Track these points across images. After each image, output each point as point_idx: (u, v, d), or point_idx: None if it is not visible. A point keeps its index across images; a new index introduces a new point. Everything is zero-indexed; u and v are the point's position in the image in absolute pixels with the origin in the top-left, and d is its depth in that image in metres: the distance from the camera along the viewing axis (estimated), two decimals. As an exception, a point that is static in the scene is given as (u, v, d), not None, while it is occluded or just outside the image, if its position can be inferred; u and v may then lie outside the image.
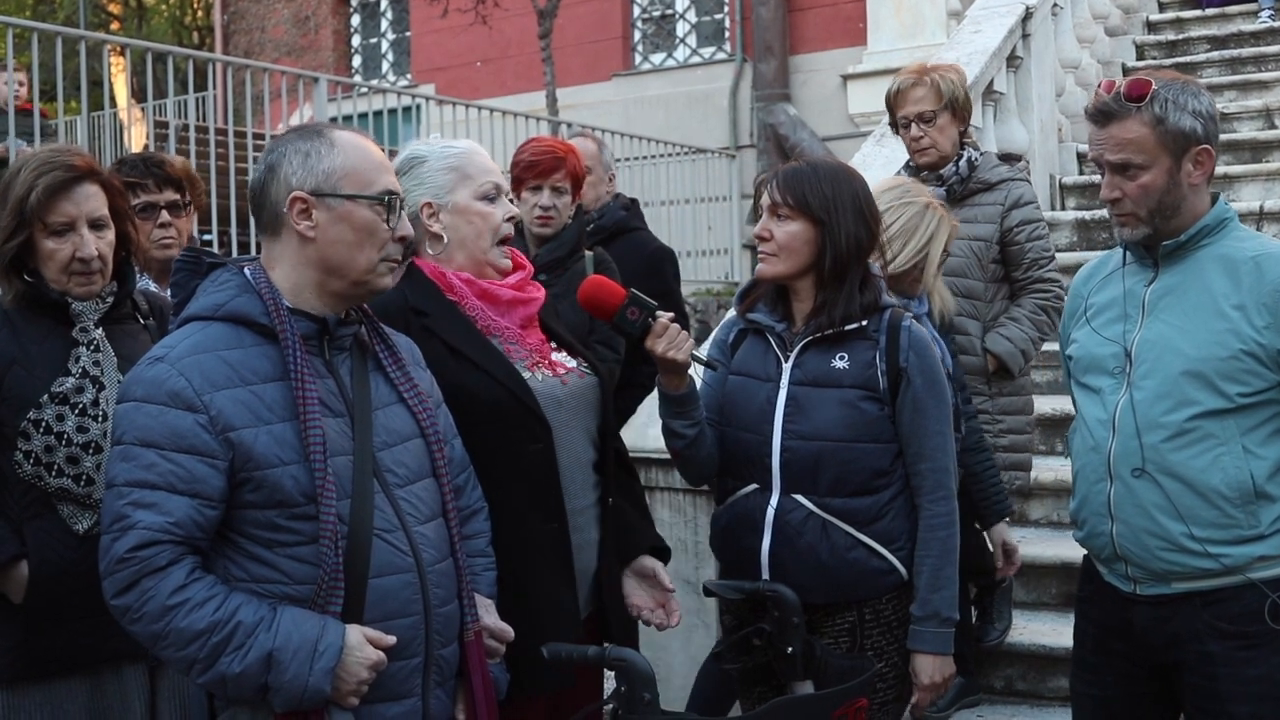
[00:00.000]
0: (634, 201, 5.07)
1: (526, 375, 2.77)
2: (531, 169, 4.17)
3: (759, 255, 2.98)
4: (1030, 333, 4.32)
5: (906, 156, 5.70)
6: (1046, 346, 4.61)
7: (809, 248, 2.90)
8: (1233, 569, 2.62)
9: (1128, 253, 2.82)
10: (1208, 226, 2.69)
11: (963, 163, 4.33)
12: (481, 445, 2.63)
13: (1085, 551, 2.92)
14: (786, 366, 2.94)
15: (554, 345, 2.90)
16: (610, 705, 2.44)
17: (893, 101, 4.32)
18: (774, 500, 2.90)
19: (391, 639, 2.25)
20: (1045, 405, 5.37)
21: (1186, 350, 2.64)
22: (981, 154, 4.42)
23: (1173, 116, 2.63)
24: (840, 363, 2.90)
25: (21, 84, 8.18)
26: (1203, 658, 2.66)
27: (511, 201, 2.89)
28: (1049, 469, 5.06)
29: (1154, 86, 2.63)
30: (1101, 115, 2.68)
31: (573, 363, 2.89)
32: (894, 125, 4.43)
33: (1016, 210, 4.32)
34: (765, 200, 2.96)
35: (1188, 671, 2.69)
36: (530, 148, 4.28)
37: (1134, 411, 2.68)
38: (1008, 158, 4.68)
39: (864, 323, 2.91)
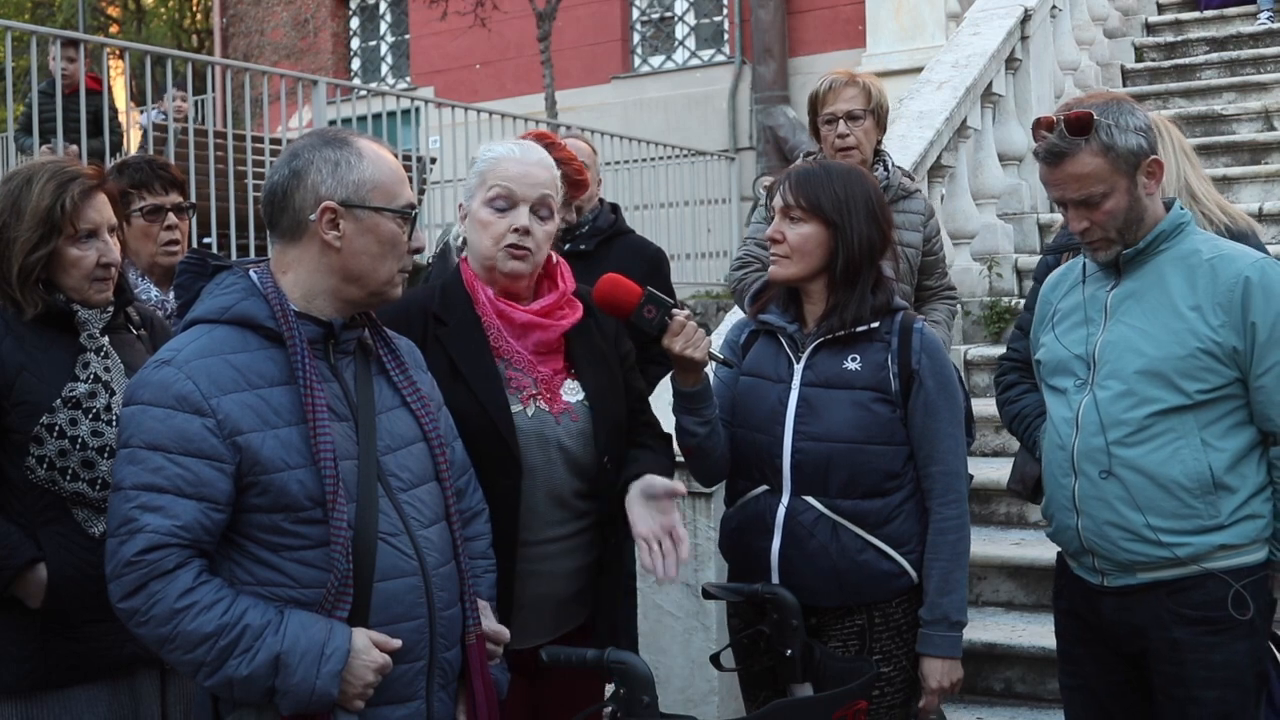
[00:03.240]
0: (616, 205, 5.08)
1: (518, 409, 2.73)
2: (577, 189, 4.07)
3: (771, 258, 2.97)
4: (950, 336, 4.37)
5: (904, 157, 5.73)
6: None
7: (822, 250, 2.90)
8: (1191, 558, 2.72)
9: (1088, 261, 2.92)
10: (1165, 232, 2.80)
11: (892, 166, 4.31)
12: None
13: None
14: (798, 368, 2.93)
15: (572, 370, 2.84)
16: (609, 708, 2.44)
17: (821, 99, 4.26)
18: (784, 502, 2.89)
19: (397, 642, 2.26)
20: (1044, 407, 5.36)
21: (1147, 350, 2.75)
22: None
23: (1120, 140, 2.73)
24: (852, 364, 2.89)
25: (72, 59, 7.91)
26: (1170, 645, 2.75)
27: (542, 217, 2.79)
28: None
29: (1094, 116, 2.71)
30: (1053, 156, 2.76)
31: (578, 395, 2.82)
32: (814, 127, 4.35)
33: (932, 220, 4.37)
34: (777, 202, 2.95)
35: (1155, 658, 2.78)
36: (570, 163, 4.01)
37: (1097, 410, 2.79)
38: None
39: (876, 324, 2.91)
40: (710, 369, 2.96)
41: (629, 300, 2.76)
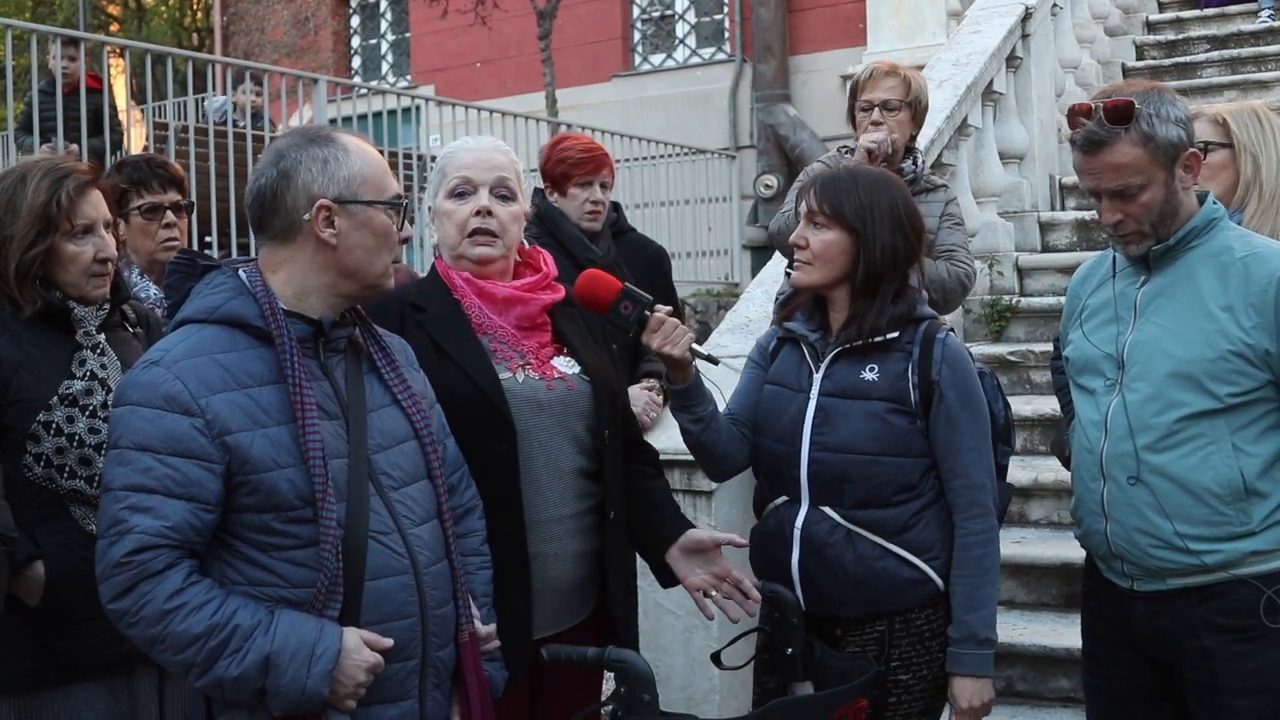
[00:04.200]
0: (617, 204, 5.10)
1: (506, 376, 2.75)
2: (582, 166, 4.20)
3: (795, 263, 2.94)
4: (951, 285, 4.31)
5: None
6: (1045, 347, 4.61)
7: (844, 257, 2.85)
8: (1221, 565, 2.65)
9: (1118, 256, 2.84)
10: (1196, 228, 2.71)
11: (921, 161, 4.41)
12: None
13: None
14: (817, 377, 2.89)
15: (564, 349, 2.86)
16: (610, 706, 2.43)
17: (861, 86, 4.33)
18: (802, 512, 2.85)
19: (389, 641, 2.25)
20: (1045, 405, 5.36)
21: (1176, 352, 2.66)
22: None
23: (1160, 130, 2.63)
24: (870, 374, 2.84)
25: (73, 58, 7.92)
26: (1200, 652, 2.68)
27: (503, 198, 2.84)
28: (1049, 469, 5.05)
29: (1135, 105, 2.62)
30: (1090, 144, 2.67)
31: (574, 368, 2.84)
32: (850, 113, 4.41)
33: (942, 218, 4.41)
34: (803, 207, 2.92)
35: (1187, 666, 2.72)
36: (574, 145, 4.28)
37: (1126, 413, 2.71)
38: None
39: (896, 334, 2.85)
40: (723, 367, 2.95)
41: (606, 295, 2.76)
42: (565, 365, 2.85)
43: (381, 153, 2.47)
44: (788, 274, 4.41)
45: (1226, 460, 2.62)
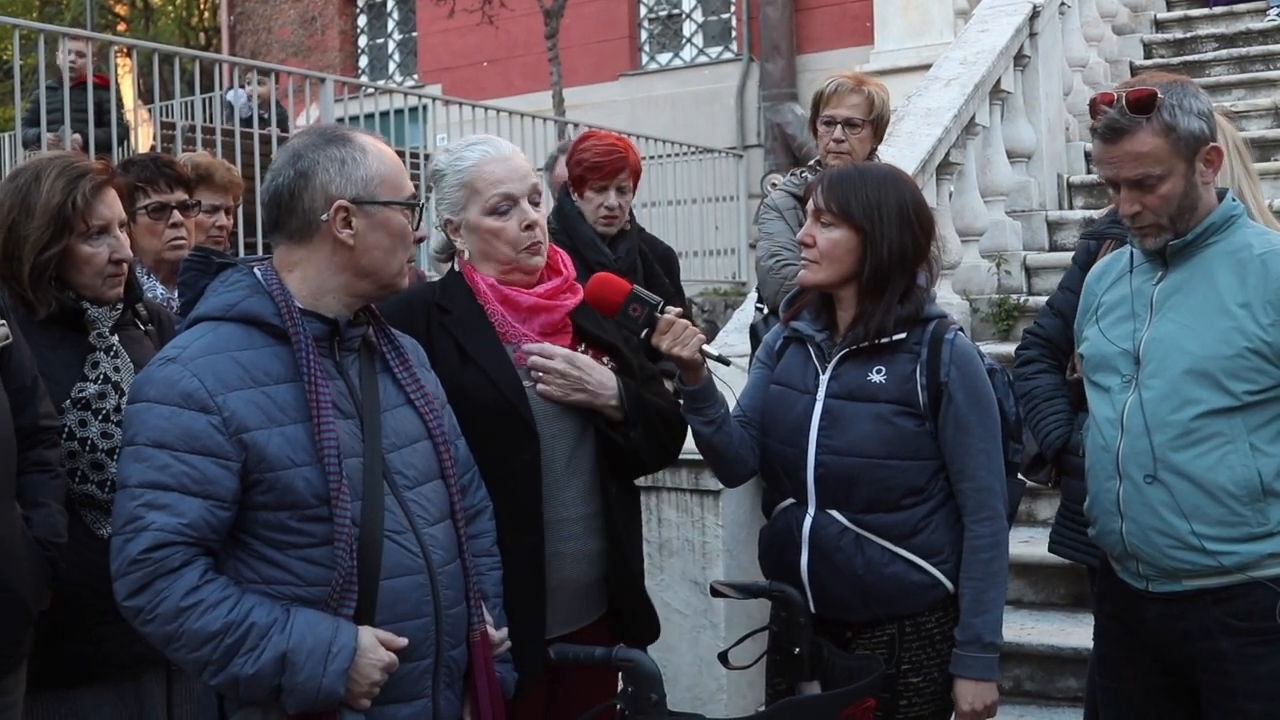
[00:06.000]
0: None
1: (529, 384, 2.74)
2: (597, 170, 4.17)
3: (801, 262, 2.91)
4: None
5: (912, 154, 5.72)
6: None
7: (851, 256, 2.82)
8: (1238, 567, 2.62)
9: (1136, 252, 2.82)
10: (1214, 225, 2.68)
11: None
12: (472, 449, 2.61)
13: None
14: (823, 378, 2.86)
15: (588, 352, 2.84)
16: (618, 706, 2.43)
17: (825, 100, 4.33)
18: (810, 515, 2.84)
19: (403, 641, 2.25)
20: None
21: (1193, 349, 2.64)
22: None
23: (1182, 121, 2.61)
24: (877, 376, 2.81)
25: (81, 55, 7.92)
26: (1215, 655, 2.66)
27: (534, 203, 2.81)
28: (1057, 468, 5.03)
29: (1158, 94, 2.60)
30: (1112, 132, 2.65)
31: None
32: (812, 123, 4.42)
33: None
34: (810, 205, 2.90)
35: (1201, 668, 2.70)
36: (593, 148, 4.23)
37: (1142, 411, 2.68)
38: None
39: (904, 335, 2.82)
40: (729, 369, 2.93)
41: (615, 298, 2.76)
42: None
43: (399, 154, 2.46)
44: (758, 308, 4.43)
45: (1244, 460, 2.60)
